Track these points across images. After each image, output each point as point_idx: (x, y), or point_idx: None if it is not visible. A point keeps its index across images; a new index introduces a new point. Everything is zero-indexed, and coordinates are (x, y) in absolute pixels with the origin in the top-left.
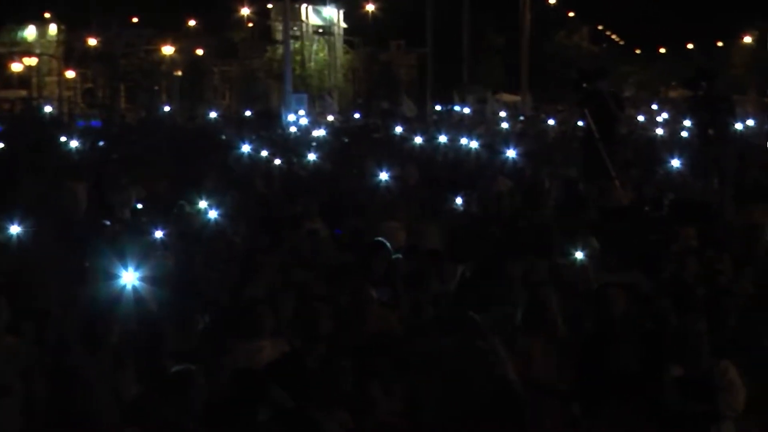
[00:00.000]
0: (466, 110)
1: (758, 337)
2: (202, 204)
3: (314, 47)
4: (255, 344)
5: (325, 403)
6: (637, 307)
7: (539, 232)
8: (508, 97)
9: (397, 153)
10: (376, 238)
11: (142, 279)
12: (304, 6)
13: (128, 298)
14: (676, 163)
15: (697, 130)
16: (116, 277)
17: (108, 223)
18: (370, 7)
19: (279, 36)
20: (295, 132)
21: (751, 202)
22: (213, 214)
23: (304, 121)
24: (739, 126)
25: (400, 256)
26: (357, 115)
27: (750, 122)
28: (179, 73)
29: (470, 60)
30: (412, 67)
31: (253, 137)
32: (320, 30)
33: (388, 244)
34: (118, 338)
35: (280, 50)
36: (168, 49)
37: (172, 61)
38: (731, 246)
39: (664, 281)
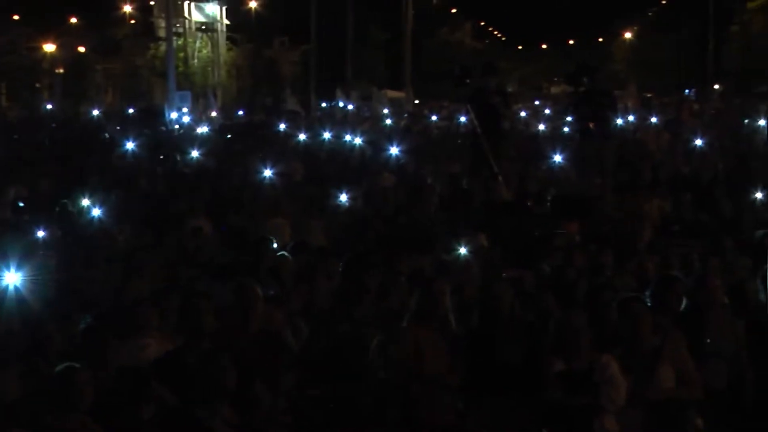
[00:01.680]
0: (350, 107)
1: (639, 330)
2: (85, 202)
3: (197, 44)
4: (138, 342)
5: (209, 400)
6: (522, 301)
7: (422, 228)
8: (391, 93)
9: (281, 149)
10: (262, 235)
11: (24, 279)
12: (186, 2)
13: (10, 299)
14: (558, 158)
15: (578, 126)
16: None
17: None
18: (252, 4)
19: (162, 33)
20: (178, 129)
21: (626, 194)
22: (96, 213)
23: (187, 119)
24: (619, 121)
25: (286, 252)
26: (241, 112)
27: (630, 117)
28: (61, 70)
29: (354, 56)
30: (296, 63)
31: (137, 135)
32: (203, 27)
33: (273, 240)
34: (0, 339)
35: (163, 47)
36: (50, 47)
37: (53, 59)
38: (613, 240)
39: (547, 276)
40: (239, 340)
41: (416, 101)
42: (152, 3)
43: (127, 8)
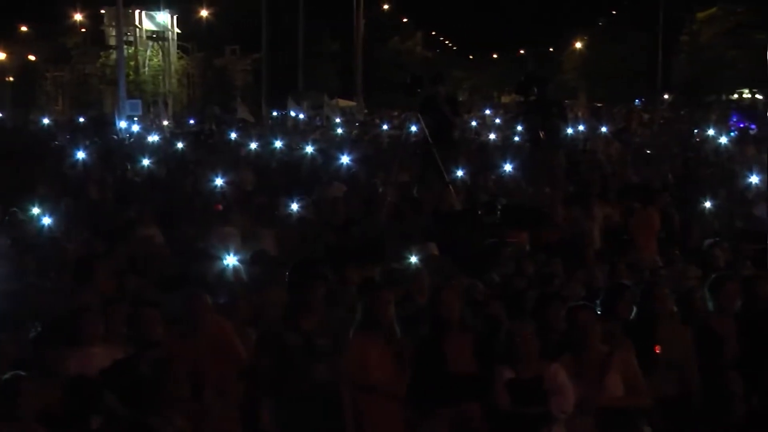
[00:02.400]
0: (302, 116)
1: (588, 338)
2: (35, 211)
3: (148, 53)
4: (85, 351)
5: (161, 409)
6: (471, 310)
7: (373, 237)
8: (343, 103)
9: (232, 158)
10: (212, 244)
11: None
12: (137, 11)
13: None
14: (508, 167)
15: (528, 135)
16: None
17: None
18: (204, 13)
19: (112, 41)
20: (129, 138)
21: (574, 204)
22: (46, 221)
23: (137, 127)
24: (569, 130)
25: (237, 262)
26: (192, 121)
27: (580, 127)
28: (11, 79)
29: (305, 65)
30: (247, 72)
31: (87, 143)
32: (154, 35)
33: (223, 250)
34: None
35: (114, 56)
36: None
37: (3, 67)
38: (562, 249)
39: (496, 285)
40: (189, 349)
41: (365, 111)
42: (103, 12)
43: (78, 17)
